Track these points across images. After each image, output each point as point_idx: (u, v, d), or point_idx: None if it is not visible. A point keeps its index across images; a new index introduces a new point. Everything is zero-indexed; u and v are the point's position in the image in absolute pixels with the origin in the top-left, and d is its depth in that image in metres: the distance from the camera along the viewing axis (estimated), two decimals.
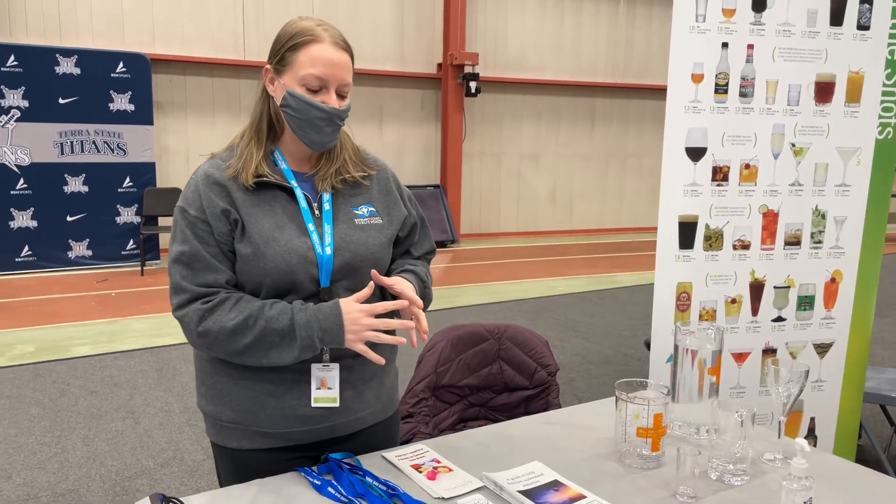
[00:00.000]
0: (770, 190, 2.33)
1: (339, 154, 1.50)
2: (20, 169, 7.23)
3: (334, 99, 1.40)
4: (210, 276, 1.38)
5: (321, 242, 1.42)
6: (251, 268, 1.39)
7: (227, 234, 1.39)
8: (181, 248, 1.39)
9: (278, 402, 1.43)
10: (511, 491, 1.34)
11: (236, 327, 1.35)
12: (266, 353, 1.37)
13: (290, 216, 1.42)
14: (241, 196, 1.40)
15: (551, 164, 10.96)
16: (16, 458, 3.21)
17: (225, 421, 1.47)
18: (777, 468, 1.50)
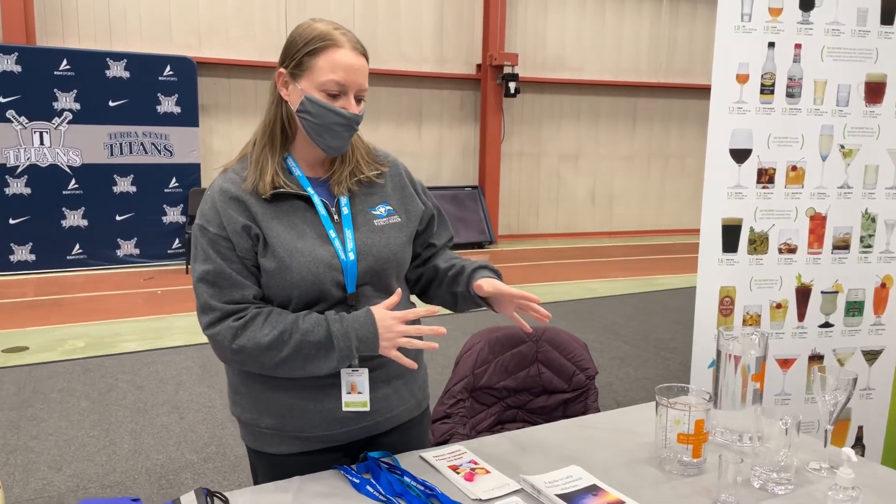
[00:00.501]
0: (818, 192, 2.28)
1: (351, 155, 1.50)
2: (72, 170, 7.47)
3: (353, 104, 1.39)
4: (237, 292, 1.37)
5: (344, 248, 1.42)
6: (277, 281, 1.39)
7: (250, 249, 1.38)
8: (205, 266, 1.38)
9: (317, 406, 1.45)
10: (549, 494, 1.34)
11: (271, 343, 1.35)
12: (302, 366, 1.38)
13: (311, 224, 1.42)
14: (260, 209, 1.39)
15: (591, 164, 10.87)
16: (66, 450, 3.32)
17: (263, 427, 1.48)
18: (822, 478, 1.47)
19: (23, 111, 7.17)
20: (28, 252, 7.38)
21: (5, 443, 3.37)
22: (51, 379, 4.27)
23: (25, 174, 7.28)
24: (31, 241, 7.37)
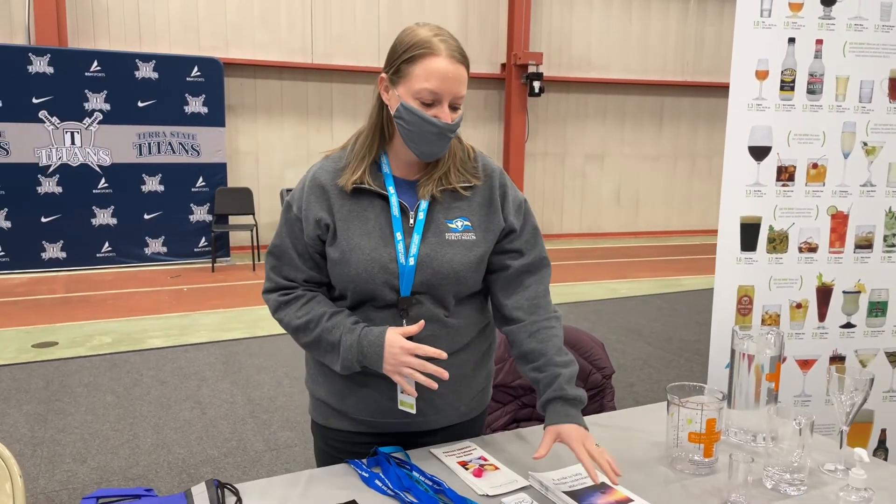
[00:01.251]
0: (840, 191, 2.23)
1: (444, 161, 1.47)
2: (102, 169, 7.62)
3: (447, 112, 1.38)
4: (291, 272, 1.49)
5: (406, 253, 1.43)
6: (338, 272, 1.45)
7: (316, 238, 1.46)
8: (276, 241, 1.51)
9: (362, 392, 1.50)
10: (557, 491, 1.34)
11: (299, 327, 1.47)
12: (321, 356, 1.49)
13: (382, 224, 1.45)
14: (339, 202, 1.45)
15: (616, 164, 10.78)
16: (91, 443, 3.39)
17: (318, 399, 1.59)
18: (837, 479, 1.44)
19: (55, 111, 7.33)
20: (59, 250, 7.54)
21: (33, 435, 3.45)
22: (78, 373, 4.36)
23: (57, 173, 7.44)
24: (61, 239, 7.53)
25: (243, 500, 1.32)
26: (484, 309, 1.58)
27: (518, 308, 1.51)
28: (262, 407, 3.88)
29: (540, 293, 1.54)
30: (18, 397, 3.95)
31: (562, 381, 1.43)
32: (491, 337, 1.63)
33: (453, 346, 1.48)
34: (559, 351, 1.48)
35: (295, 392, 4.11)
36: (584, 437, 1.35)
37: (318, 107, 8.95)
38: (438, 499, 1.32)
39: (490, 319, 1.61)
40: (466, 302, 1.52)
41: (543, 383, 1.45)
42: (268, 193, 8.68)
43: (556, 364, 1.46)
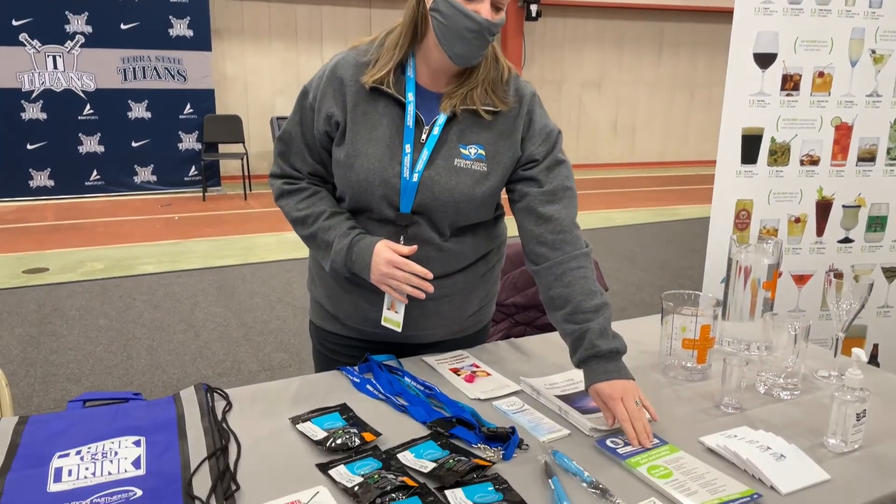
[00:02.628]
0: (845, 101, 2.16)
1: (475, 76, 1.35)
2: (86, 94, 7.42)
3: (488, 9, 1.25)
4: (298, 162, 1.45)
5: (411, 168, 1.35)
6: (340, 174, 1.40)
7: (324, 134, 1.40)
8: (288, 126, 1.45)
9: (352, 300, 1.48)
10: (548, 395, 1.33)
11: (297, 219, 1.44)
12: (315, 252, 1.48)
13: (393, 134, 1.36)
14: (354, 100, 1.36)
15: (614, 92, 10.58)
16: (84, 364, 3.39)
17: (316, 300, 1.59)
18: (831, 385, 1.44)
19: (35, 34, 7.08)
20: (47, 178, 7.42)
21: (25, 356, 3.45)
22: (70, 298, 4.35)
23: (41, 99, 7.24)
24: (49, 167, 7.40)
25: (234, 405, 1.30)
26: (487, 237, 1.49)
27: (542, 243, 1.37)
28: (255, 330, 3.88)
29: (565, 225, 1.37)
30: (10, 320, 3.94)
31: (592, 337, 1.27)
32: (493, 261, 1.55)
33: (445, 270, 1.43)
34: (588, 294, 1.32)
35: (288, 316, 4.11)
36: (625, 393, 1.20)
37: (307, 31, 8.67)
38: (429, 402, 1.31)
39: (494, 246, 1.53)
40: (468, 229, 1.44)
41: (573, 339, 1.30)
42: (257, 121, 8.50)
43: (585, 312, 1.30)
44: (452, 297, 1.47)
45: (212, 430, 1.19)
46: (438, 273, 1.38)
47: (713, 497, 1.01)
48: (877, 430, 1.23)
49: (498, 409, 1.30)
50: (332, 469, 1.08)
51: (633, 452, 1.13)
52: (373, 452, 1.12)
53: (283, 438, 1.18)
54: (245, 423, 1.23)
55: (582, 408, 1.29)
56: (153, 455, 1.11)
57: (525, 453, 1.14)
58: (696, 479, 1.06)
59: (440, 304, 1.46)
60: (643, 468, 1.09)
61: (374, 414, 1.26)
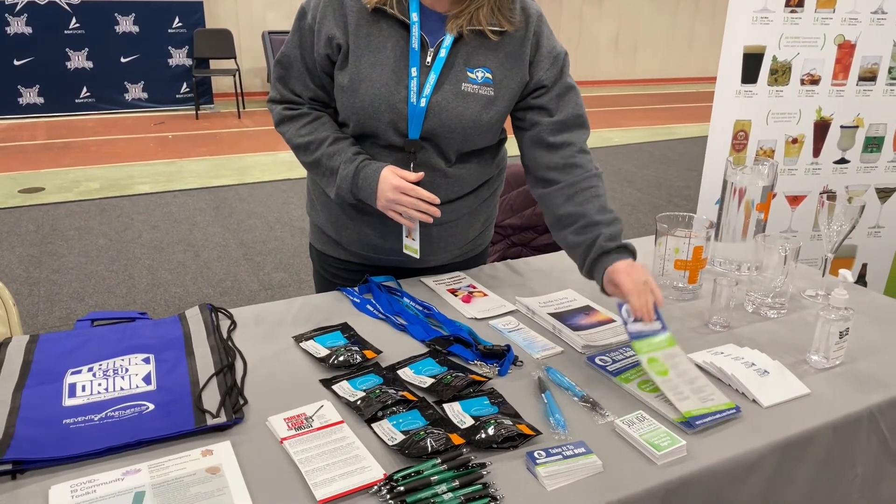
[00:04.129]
0: (849, 18, 2.12)
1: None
2: (71, 7, 7.18)
3: None
4: (298, 86, 1.41)
5: (418, 93, 1.32)
6: (343, 100, 1.36)
7: (325, 57, 1.35)
8: (286, 49, 1.41)
9: (356, 227, 1.48)
10: (542, 314, 1.37)
11: (299, 145, 1.41)
12: (318, 179, 1.44)
13: (398, 57, 1.32)
14: (355, 21, 1.32)
15: (615, 6, 10.26)
16: (87, 283, 3.44)
17: (317, 225, 1.59)
18: (817, 304, 1.48)
19: None
20: (36, 95, 7.29)
21: (28, 276, 3.50)
22: (68, 218, 4.36)
23: (25, 12, 7.02)
24: (37, 84, 7.25)
25: (238, 325, 1.34)
26: (491, 162, 1.49)
27: (552, 168, 1.35)
28: (254, 250, 3.92)
29: (576, 150, 1.36)
30: (10, 240, 3.96)
31: (602, 241, 1.24)
32: (495, 185, 1.56)
33: (451, 195, 1.43)
34: (601, 210, 1.29)
35: (286, 236, 4.14)
36: (632, 268, 1.18)
37: None
38: (428, 322, 1.35)
39: (497, 171, 1.54)
40: (473, 154, 1.43)
41: (583, 248, 1.26)
42: (249, 35, 8.26)
43: (597, 224, 1.26)
44: (456, 223, 1.49)
45: (218, 347, 1.24)
46: (443, 199, 1.39)
47: (701, 406, 1.06)
48: (859, 348, 1.28)
49: (494, 327, 1.34)
50: (335, 384, 1.12)
51: (622, 369, 1.18)
52: (374, 369, 1.17)
53: (287, 356, 1.23)
54: (250, 342, 1.27)
55: (574, 325, 1.33)
56: (163, 371, 1.16)
57: (519, 369, 1.19)
58: (689, 383, 1.10)
59: (445, 230, 1.48)
60: (633, 384, 1.14)
61: (374, 333, 1.31)
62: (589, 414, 1.06)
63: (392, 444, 0.96)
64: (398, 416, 1.03)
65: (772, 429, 1.04)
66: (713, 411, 1.05)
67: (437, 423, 1.01)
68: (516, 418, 1.03)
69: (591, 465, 0.93)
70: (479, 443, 0.96)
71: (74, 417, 1.02)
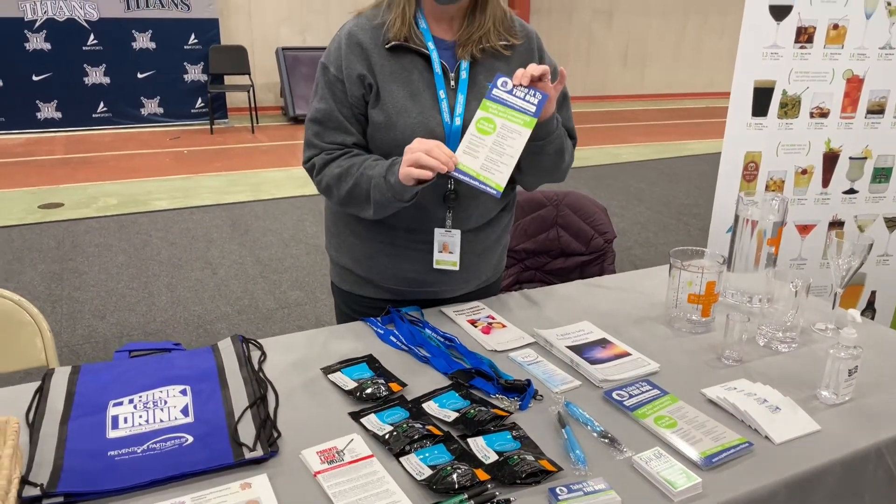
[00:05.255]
0: (858, 53, 2.17)
1: (483, 20, 1.42)
2: (90, 24, 7.31)
3: None
4: (339, 136, 1.44)
5: (451, 112, 1.41)
6: (382, 135, 1.42)
7: (360, 98, 1.41)
8: (318, 105, 1.44)
9: (391, 262, 1.53)
10: (559, 346, 1.42)
11: (340, 174, 1.41)
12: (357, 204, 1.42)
13: (426, 85, 1.41)
14: (380, 61, 1.40)
15: (625, 21, 10.33)
16: (108, 300, 3.51)
17: (342, 266, 1.61)
18: (827, 338, 1.52)
19: None
20: (54, 109, 7.41)
21: (50, 293, 3.57)
22: (88, 234, 4.44)
23: (44, 29, 7.15)
24: (55, 99, 7.38)
25: (268, 355, 1.40)
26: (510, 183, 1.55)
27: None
28: (270, 268, 3.99)
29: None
30: (32, 256, 4.05)
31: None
32: (512, 211, 1.66)
33: (482, 219, 1.51)
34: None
35: (301, 254, 4.21)
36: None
37: None
38: (450, 353, 1.40)
39: (512, 195, 1.63)
40: None
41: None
42: (263, 52, 8.38)
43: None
44: (484, 250, 1.57)
45: (250, 379, 1.29)
46: (475, 224, 1.48)
47: (715, 444, 1.11)
48: (868, 384, 1.32)
49: (513, 360, 1.39)
50: (363, 417, 1.18)
51: (639, 404, 1.23)
52: (400, 402, 1.22)
53: (316, 387, 1.28)
54: (280, 373, 1.32)
55: (591, 358, 1.38)
56: (199, 403, 1.21)
57: (539, 403, 1.24)
58: (699, 428, 1.16)
59: (480, 258, 1.56)
60: (650, 419, 1.18)
61: (398, 364, 1.36)
62: (607, 449, 1.11)
63: (420, 478, 1.01)
64: (425, 451, 1.08)
65: (784, 465, 1.08)
66: (727, 447, 1.10)
67: (462, 457, 1.06)
68: (538, 454, 1.08)
69: (611, 501, 0.97)
70: (503, 478, 1.01)
71: (119, 449, 1.08)
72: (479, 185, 1.28)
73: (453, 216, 1.48)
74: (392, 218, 1.47)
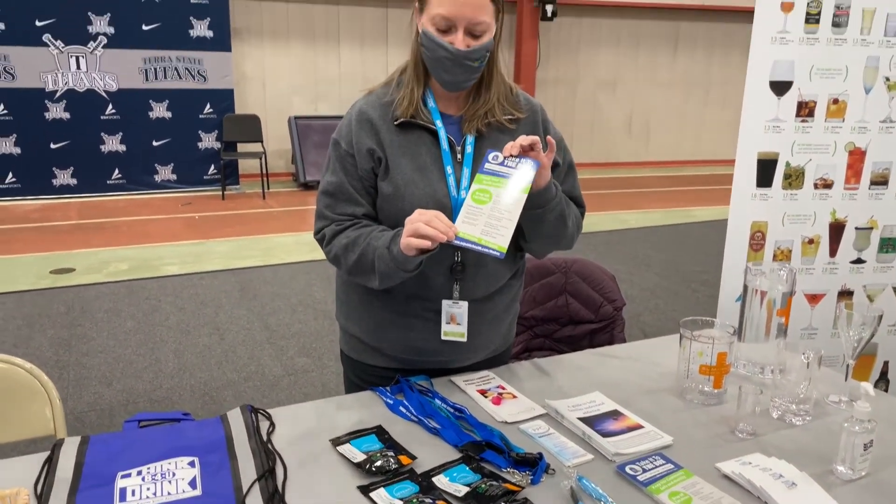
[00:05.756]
0: (859, 127, 2.22)
1: (487, 97, 1.48)
2: (108, 94, 7.54)
3: (460, 39, 1.36)
4: (350, 207, 1.48)
5: (457, 186, 1.45)
6: (390, 206, 1.46)
7: (370, 171, 1.46)
8: (330, 178, 1.49)
9: (400, 332, 1.54)
10: (571, 418, 1.40)
11: (347, 245, 1.44)
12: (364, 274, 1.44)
13: (433, 159, 1.46)
14: (388, 136, 1.45)
15: (629, 91, 10.59)
16: (115, 367, 3.51)
17: (351, 334, 1.62)
18: (841, 410, 1.50)
19: (58, 35, 7.21)
20: (70, 176, 7.57)
21: (58, 359, 3.57)
22: (98, 300, 4.47)
23: (64, 99, 7.38)
24: (72, 166, 7.55)
25: (276, 426, 1.39)
26: (515, 253, 1.59)
27: None
28: (278, 333, 3.99)
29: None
30: (41, 322, 4.06)
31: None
32: (521, 279, 1.67)
33: (490, 288, 1.53)
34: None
35: (309, 319, 4.21)
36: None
37: (325, 31, 8.75)
38: (460, 425, 1.39)
39: (521, 263, 1.64)
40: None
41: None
42: (275, 120, 8.60)
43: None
44: (494, 319, 1.58)
45: (259, 451, 1.28)
46: (484, 293, 1.50)
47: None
48: (883, 457, 1.30)
49: (524, 432, 1.38)
50: (372, 492, 1.16)
51: (653, 479, 1.21)
52: (410, 476, 1.21)
53: (325, 460, 1.27)
54: (288, 444, 1.31)
55: (603, 431, 1.36)
56: (207, 475, 1.20)
57: (552, 477, 1.22)
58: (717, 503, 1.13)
59: (484, 325, 1.55)
60: (664, 494, 1.16)
61: (407, 435, 1.35)
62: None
63: None
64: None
65: None
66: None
67: None
68: None
69: None
70: None
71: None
72: (483, 249, 1.31)
73: (460, 287, 1.50)
74: (400, 288, 1.49)
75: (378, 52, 8.96)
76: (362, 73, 8.86)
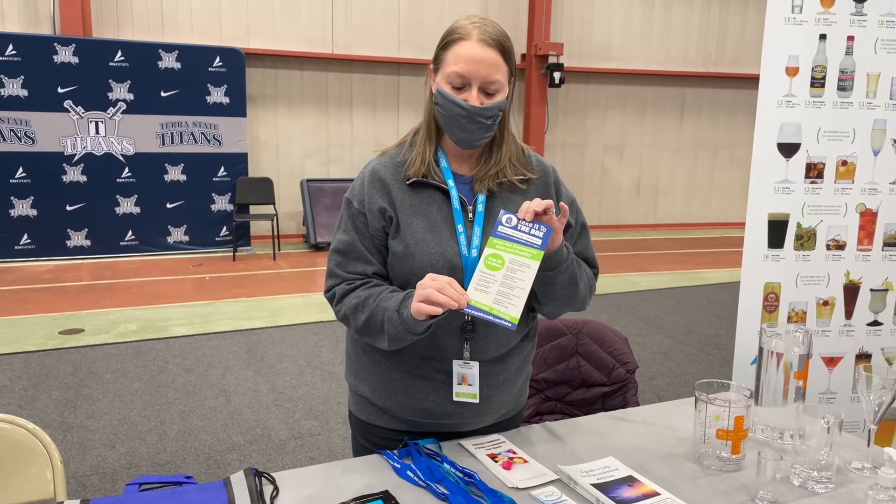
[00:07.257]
0: (869, 188, 2.22)
1: (499, 157, 1.50)
2: (125, 158, 7.71)
3: (475, 97, 1.39)
4: (360, 266, 1.48)
5: (468, 245, 1.45)
6: (401, 265, 1.46)
7: (381, 230, 1.47)
8: (341, 237, 1.50)
9: (409, 394, 1.52)
10: (584, 484, 1.36)
11: (357, 305, 1.44)
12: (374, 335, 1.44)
13: (444, 218, 1.46)
14: (400, 195, 1.47)
15: (636, 155, 10.72)
16: (119, 429, 3.46)
17: (360, 394, 1.60)
18: (865, 477, 1.45)
19: (79, 101, 7.42)
20: (84, 238, 7.66)
21: (63, 420, 3.53)
22: (105, 360, 4.45)
23: (82, 162, 7.54)
24: (86, 227, 7.64)
25: (280, 490, 1.35)
26: (527, 313, 1.57)
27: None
28: (285, 395, 3.94)
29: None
30: (48, 383, 4.04)
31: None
32: (534, 340, 1.65)
33: (501, 349, 1.51)
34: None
35: (317, 381, 4.16)
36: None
37: (337, 97, 8.98)
38: (469, 490, 1.35)
39: (533, 324, 1.62)
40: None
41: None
42: (288, 183, 8.74)
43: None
44: (505, 381, 1.55)
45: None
46: (495, 355, 1.48)
47: None
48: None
49: (536, 498, 1.33)
50: None
51: None
52: None
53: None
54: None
55: (618, 498, 1.32)
56: None
57: None
58: None
59: (495, 388, 1.53)
60: None
61: (415, 501, 1.30)
62: None
63: None
64: None
65: None
66: None
67: None
68: None
69: None
70: None
71: None
72: (494, 319, 1.29)
73: (471, 347, 1.48)
74: (410, 348, 1.47)
75: (390, 118, 9.16)
76: (374, 137, 9.04)
